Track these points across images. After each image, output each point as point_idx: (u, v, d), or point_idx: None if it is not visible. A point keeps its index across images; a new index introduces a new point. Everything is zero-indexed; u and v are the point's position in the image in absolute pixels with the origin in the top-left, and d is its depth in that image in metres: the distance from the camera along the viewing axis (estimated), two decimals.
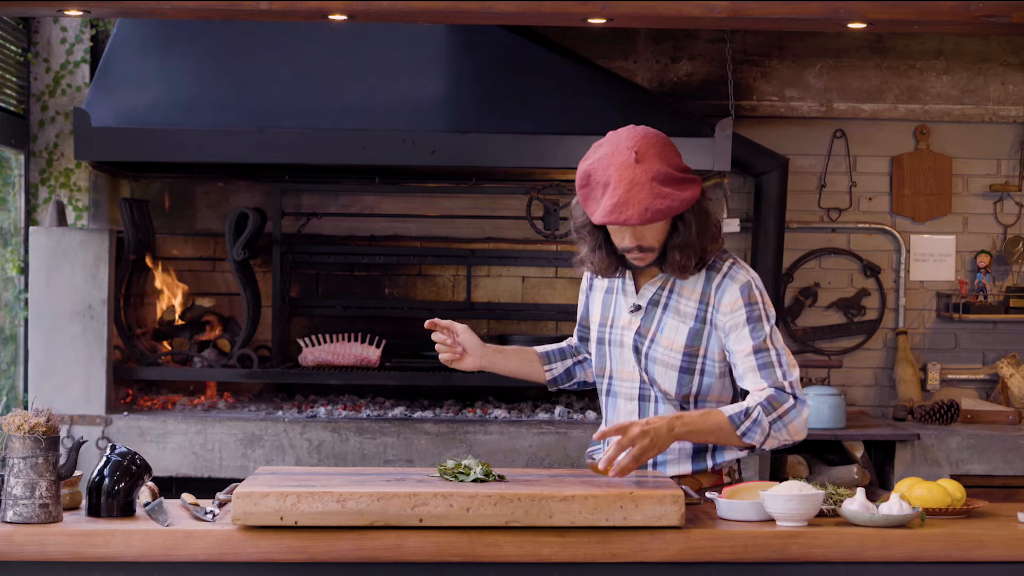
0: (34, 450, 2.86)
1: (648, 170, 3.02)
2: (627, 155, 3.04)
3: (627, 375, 3.25)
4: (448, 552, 2.82)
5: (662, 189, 3.02)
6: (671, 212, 3.03)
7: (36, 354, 5.33)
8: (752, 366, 3.13)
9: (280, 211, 5.81)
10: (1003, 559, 2.90)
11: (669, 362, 3.19)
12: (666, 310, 3.20)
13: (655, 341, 3.20)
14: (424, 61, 5.46)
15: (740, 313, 3.15)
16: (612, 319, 3.26)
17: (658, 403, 3.23)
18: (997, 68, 6.11)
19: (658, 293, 3.21)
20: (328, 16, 4.44)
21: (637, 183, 3.01)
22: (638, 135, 3.10)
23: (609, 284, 3.29)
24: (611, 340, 3.26)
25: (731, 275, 3.17)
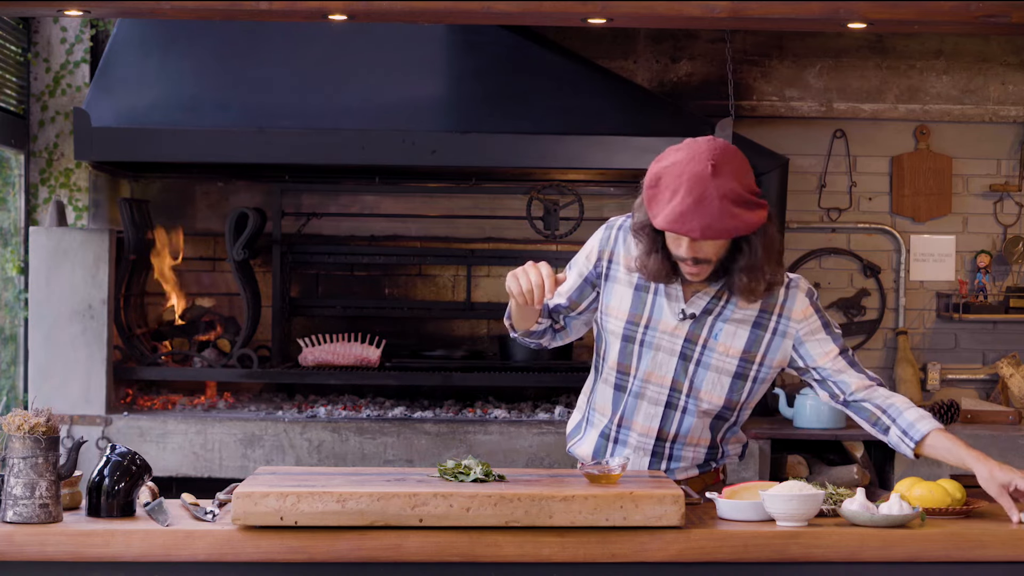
0: (34, 450, 2.86)
1: (721, 186, 2.97)
2: (704, 166, 2.98)
3: (658, 379, 3.20)
4: (448, 552, 2.82)
5: (731, 208, 2.97)
6: (734, 233, 2.99)
7: (36, 354, 5.33)
8: (844, 365, 3.20)
9: (280, 211, 5.81)
10: (1003, 559, 2.90)
11: (724, 367, 3.18)
12: (719, 318, 3.17)
13: (708, 347, 3.17)
14: (424, 61, 5.46)
15: (815, 319, 3.19)
16: (649, 320, 3.18)
17: (685, 413, 3.21)
18: (997, 68, 6.11)
19: (712, 303, 3.17)
20: (328, 16, 4.44)
21: (707, 197, 2.96)
22: (718, 148, 3.04)
23: (639, 281, 3.20)
24: (645, 341, 3.19)
25: (794, 284, 3.19)
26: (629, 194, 5.96)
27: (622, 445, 3.26)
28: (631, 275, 3.22)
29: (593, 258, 3.27)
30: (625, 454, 3.24)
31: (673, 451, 3.25)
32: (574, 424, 3.40)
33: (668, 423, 3.22)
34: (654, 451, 3.24)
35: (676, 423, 3.22)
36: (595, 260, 3.27)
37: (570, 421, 3.43)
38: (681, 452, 3.25)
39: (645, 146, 5.26)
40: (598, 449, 3.29)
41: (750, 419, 5.66)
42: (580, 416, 3.39)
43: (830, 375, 3.21)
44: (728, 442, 3.33)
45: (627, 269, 3.22)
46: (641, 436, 3.24)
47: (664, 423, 3.22)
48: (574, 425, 3.40)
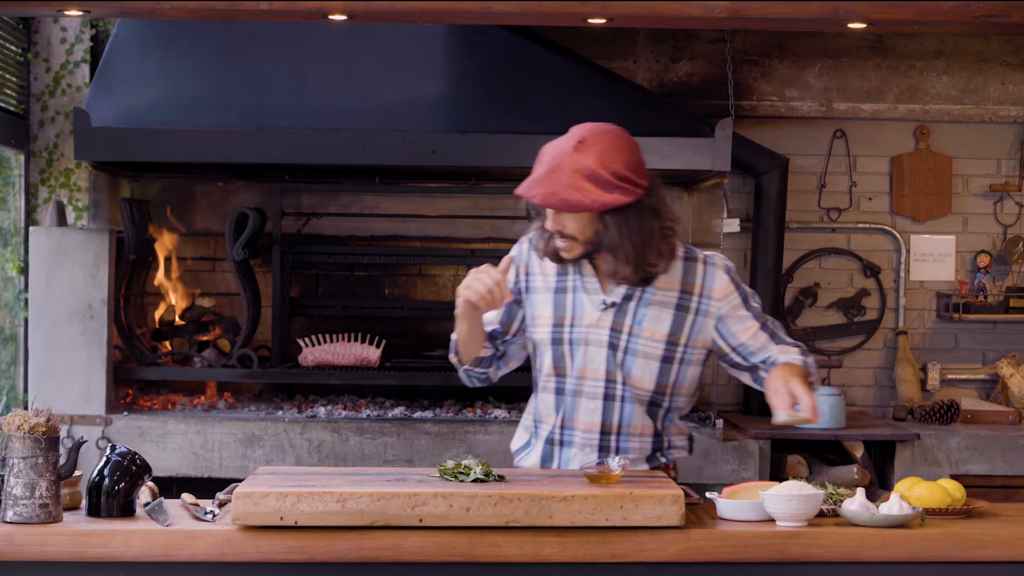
0: (34, 450, 2.86)
1: (578, 161, 3.06)
2: (571, 142, 3.09)
3: (592, 373, 3.22)
4: (448, 552, 2.82)
5: (581, 183, 3.04)
6: (578, 207, 3.05)
7: (36, 354, 5.33)
8: (766, 339, 3.24)
9: (280, 211, 5.81)
10: (1003, 559, 2.90)
11: (651, 352, 3.21)
12: (641, 303, 3.20)
13: (633, 334, 3.20)
14: (424, 61, 5.46)
15: (734, 296, 3.24)
16: (573, 318, 3.22)
17: (624, 402, 3.23)
18: (997, 68, 6.11)
19: (631, 288, 3.20)
20: (328, 16, 4.44)
21: (560, 169, 3.05)
22: (598, 129, 3.14)
23: (558, 284, 3.24)
24: (573, 339, 3.22)
25: (711, 262, 3.24)
26: None
27: (568, 446, 3.26)
28: (547, 281, 3.26)
29: (512, 275, 3.30)
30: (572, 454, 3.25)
31: (619, 444, 3.25)
32: (521, 443, 3.40)
33: (609, 415, 3.23)
34: (600, 446, 3.25)
35: (617, 414, 3.23)
36: (514, 277, 3.30)
37: (515, 440, 3.43)
38: (627, 444, 3.25)
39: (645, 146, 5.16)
40: (545, 456, 3.29)
41: (750, 419, 5.67)
42: (528, 434, 3.39)
43: (750, 353, 3.25)
44: (670, 432, 3.33)
45: (543, 276, 3.26)
46: (585, 433, 3.24)
47: (605, 416, 3.23)
48: (521, 443, 3.40)
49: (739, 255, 6.07)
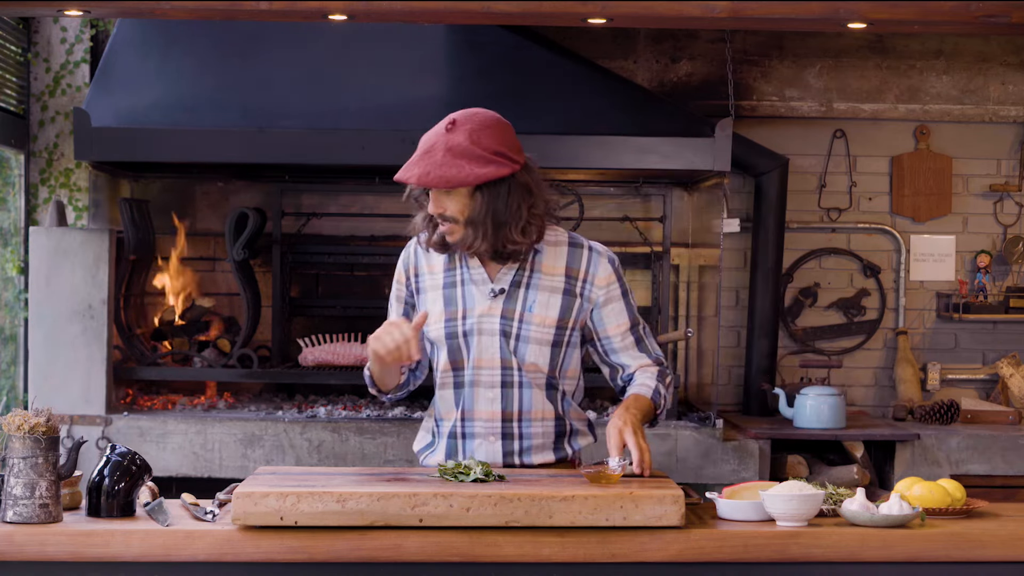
0: (34, 450, 2.86)
1: (450, 140, 3.11)
2: (443, 124, 3.15)
3: (487, 363, 3.24)
4: (448, 552, 2.82)
5: (454, 160, 3.09)
6: (453, 182, 3.08)
7: (36, 354, 5.33)
8: (631, 342, 3.30)
9: (280, 211, 5.81)
10: (1003, 559, 2.91)
11: (543, 338, 3.24)
12: (529, 288, 3.25)
13: (524, 320, 3.23)
14: (424, 61, 5.46)
15: (615, 287, 3.29)
16: (464, 310, 3.25)
17: (522, 388, 3.26)
18: (997, 68, 6.11)
19: (519, 274, 3.25)
20: (328, 16, 4.44)
21: (434, 148, 3.11)
22: (469, 111, 3.19)
23: (446, 280, 3.28)
24: (467, 331, 3.24)
25: (595, 249, 3.31)
26: (629, 194, 5.97)
27: (471, 438, 3.28)
28: (436, 278, 3.29)
29: (402, 280, 3.36)
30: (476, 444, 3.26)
31: (522, 430, 3.27)
32: (424, 443, 3.41)
33: (509, 402, 3.25)
34: (503, 433, 3.27)
35: (517, 400, 3.26)
36: (404, 281, 3.36)
37: (417, 442, 3.44)
38: (530, 429, 3.27)
39: (645, 146, 5.26)
40: (450, 451, 3.30)
41: (750, 419, 5.67)
42: (429, 435, 3.40)
43: (613, 350, 3.31)
44: (571, 416, 3.35)
45: (431, 274, 3.30)
46: (487, 422, 3.26)
47: (505, 404, 3.25)
48: (424, 444, 3.40)
49: (739, 255, 6.07)
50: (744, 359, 5.95)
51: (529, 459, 3.28)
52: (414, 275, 3.34)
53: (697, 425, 5.31)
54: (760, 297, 5.84)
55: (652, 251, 5.89)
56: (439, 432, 3.35)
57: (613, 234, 5.97)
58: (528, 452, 3.28)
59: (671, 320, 6.00)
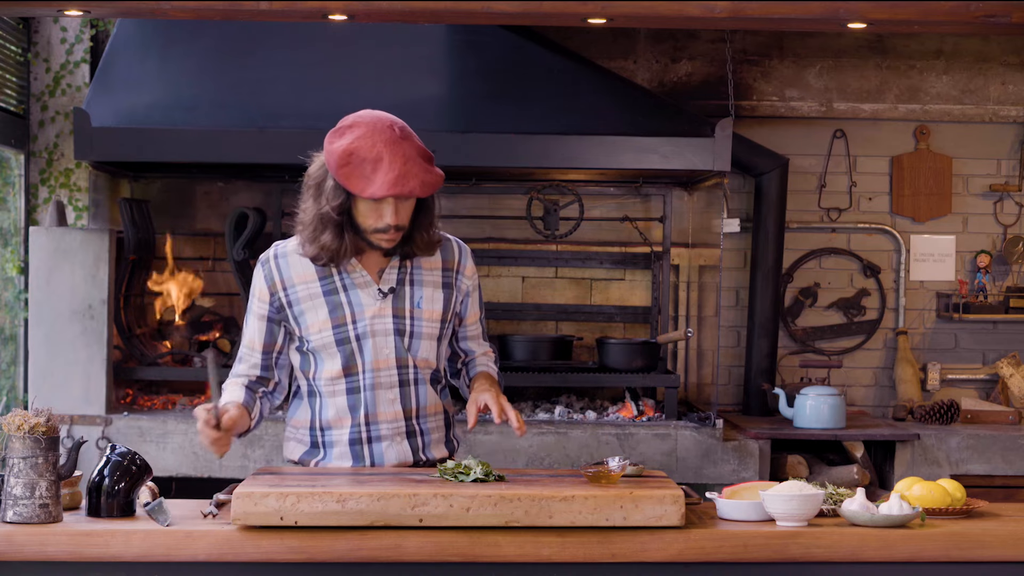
0: (34, 450, 2.86)
1: (413, 146, 3.13)
2: (391, 132, 3.12)
3: (383, 364, 3.26)
4: (448, 552, 2.82)
5: (426, 165, 3.13)
6: (436, 186, 3.15)
7: (36, 354, 5.33)
8: (480, 331, 3.46)
9: (280, 211, 5.81)
10: (1003, 559, 2.91)
11: (432, 333, 3.30)
12: (414, 285, 3.29)
13: (415, 317, 3.27)
14: (424, 61, 5.45)
15: (475, 279, 3.42)
16: (352, 315, 3.24)
17: (418, 385, 3.29)
18: (997, 68, 6.11)
19: (402, 272, 3.28)
20: (328, 16, 4.44)
21: (411, 157, 3.11)
22: (389, 116, 3.19)
23: (324, 288, 3.25)
24: (359, 335, 3.24)
25: (459, 242, 3.40)
26: (629, 194, 5.97)
27: (377, 441, 3.28)
28: (310, 287, 3.26)
29: (266, 296, 3.30)
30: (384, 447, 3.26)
31: (422, 426, 3.31)
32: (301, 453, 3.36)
33: (408, 400, 3.28)
34: (408, 431, 3.29)
35: (414, 397, 3.29)
36: (268, 296, 3.30)
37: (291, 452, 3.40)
38: (427, 425, 3.32)
39: (645, 146, 5.26)
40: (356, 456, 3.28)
41: (750, 419, 5.67)
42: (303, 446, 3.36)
43: (465, 337, 3.44)
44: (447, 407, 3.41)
45: (304, 284, 3.26)
46: (391, 423, 3.28)
47: (404, 402, 3.28)
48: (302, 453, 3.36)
49: (739, 255, 6.07)
50: (744, 359, 5.95)
51: (431, 454, 3.32)
52: (281, 289, 3.28)
53: (697, 425, 5.31)
54: (760, 297, 5.84)
55: (652, 251, 5.89)
56: (326, 441, 3.30)
57: (613, 234, 5.97)
58: (428, 447, 3.33)
59: (671, 320, 6.00)
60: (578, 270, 6.06)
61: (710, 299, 6.03)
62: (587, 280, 6.09)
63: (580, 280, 6.09)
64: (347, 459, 3.29)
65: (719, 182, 5.52)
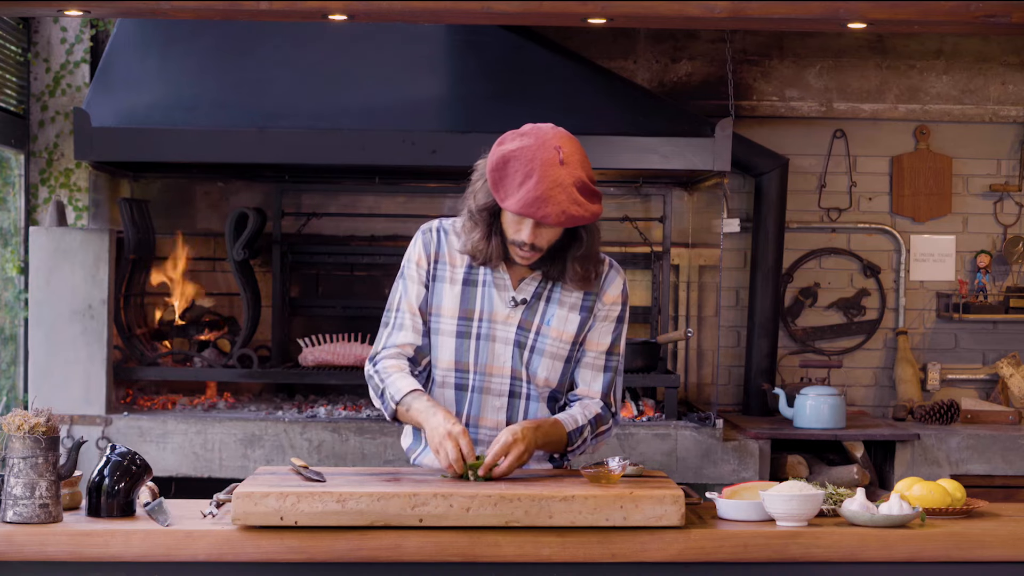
0: (34, 450, 2.86)
1: (571, 175, 3.06)
2: (553, 153, 3.07)
3: (497, 371, 3.23)
4: (448, 552, 2.82)
5: (579, 197, 3.06)
6: (582, 222, 3.07)
7: (36, 354, 5.33)
8: (600, 364, 3.28)
9: (280, 211, 5.81)
10: (1003, 559, 2.91)
11: (558, 353, 3.24)
12: (549, 303, 3.23)
13: (541, 334, 3.22)
14: (424, 61, 5.46)
15: (616, 308, 3.28)
16: (481, 313, 3.22)
17: (528, 400, 3.25)
18: (997, 68, 6.11)
19: (541, 287, 3.24)
20: (328, 16, 4.44)
21: (560, 184, 3.04)
22: (564, 137, 3.13)
23: (466, 276, 3.25)
24: (479, 334, 3.22)
25: (615, 268, 3.30)
26: (629, 194, 5.97)
27: (476, 445, 3.24)
28: (456, 272, 3.25)
29: (424, 262, 3.28)
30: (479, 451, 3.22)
31: None
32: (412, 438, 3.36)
33: (514, 412, 3.25)
34: None
35: (522, 411, 3.26)
36: (425, 265, 3.28)
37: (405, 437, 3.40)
38: None
39: (645, 146, 5.26)
40: None
41: (750, 419, 5.67)
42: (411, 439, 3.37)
43: (581, 364, 3.28)
44: None
45: (451, 266, 3.26)
46: (492, 431, 3.25)
47: (511, 413, 3.25)
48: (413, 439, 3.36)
49: (739, 255, 6.07)
50: (744, 359, 5.95)
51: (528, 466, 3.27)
52: (435, 260, 3.27)
53: (697, 425, 5.31)
54: (760, 297, 5.84)
55: (652, 251, 5.89)
56: None
57: (613, 234, 5.97)
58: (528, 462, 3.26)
59: (671, 320, 6.00)
60: None
61: (710, 299, 6.03)
62: None
63: None
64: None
65: (719, 182, 5.52)
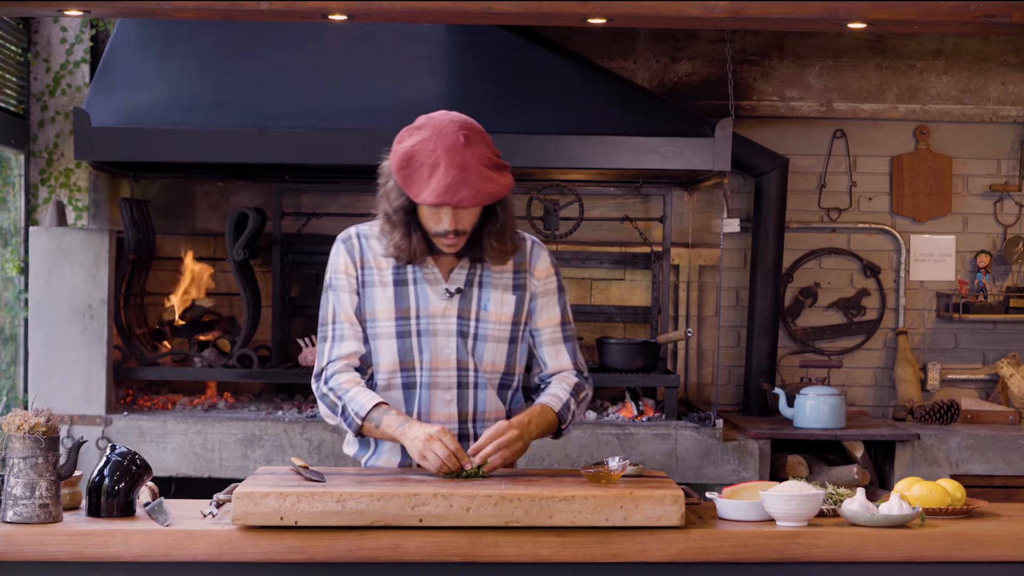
0: (34, 450, 2.86)
1: (476, 153, 3.10)
2: (454, 138, 3.11)
3: (443, 364, 3.24)
4: (448, 552, 2.82)
5: (489, 173, 3.10)
6: (497, 196, 3.11)
7: (36, 354, 5.33)
8: (559, 337, 3.33)
9: (280, 211, 5.81)
10: (1003, 559, 2.91)
11: (500, 336, 3.26)
12: (483, 287, 3.26)
13: (481, 319, 3.25)
14: (424, 61, 5.46)
15: (552, 280, 3.33)
16: (417, 310, 3.24)
17: (477, 389, 3.27)
18: (997, 68, 6.11)
19: (471, 273, 3.26)
20: (328, 16, 4.44)
21: (469, 165, 3.08)
22: (460, 119, 3.17)
23: (396, 277, 3.26)
24: (420, 331, 3.24)
25: (537, 243, 3.34)
26: (629, 194, 5.97)
27: None
28: (384, 274, 3.26)
29: (352, 270, 3.29)
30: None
31: (476, 430, 3.27)
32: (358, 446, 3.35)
33: (465, 403, 3.26)
34: (460, 435, 3.26)
35: (472, 401, 3.27)
36: (353, 273, 3.29)
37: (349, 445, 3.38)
38: (483, 429, 3.26)
39: (645, 146, 5.26)
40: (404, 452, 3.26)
41: (750, 419, 5.67)
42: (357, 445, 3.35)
43: (539, 343, 3.33)
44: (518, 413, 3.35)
45: (379, 270, 3.27)
46: (443, 424, 3.24)
47: (461, 405, 3.26)
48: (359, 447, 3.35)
49: (739, 255, 6.07)
50: (744, 359, 5.95)
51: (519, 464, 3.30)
52: (362, 267, 3.28)
53: (697, 425, 5.31)
54: (760, 297, 5.84)
55: (652, 251, 5.89)
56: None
57: (613, 234, 5.97)
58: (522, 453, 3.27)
59: (671, 320, 6.00)
60: (578, 270, 6.06)
61: (710, 299, 6.03)
62: (587, 280, 6.09)
63: (580, 280, 6.09)
64: (397, 455, 3.28)
65: (719, 182, 5.52)
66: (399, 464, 3.28)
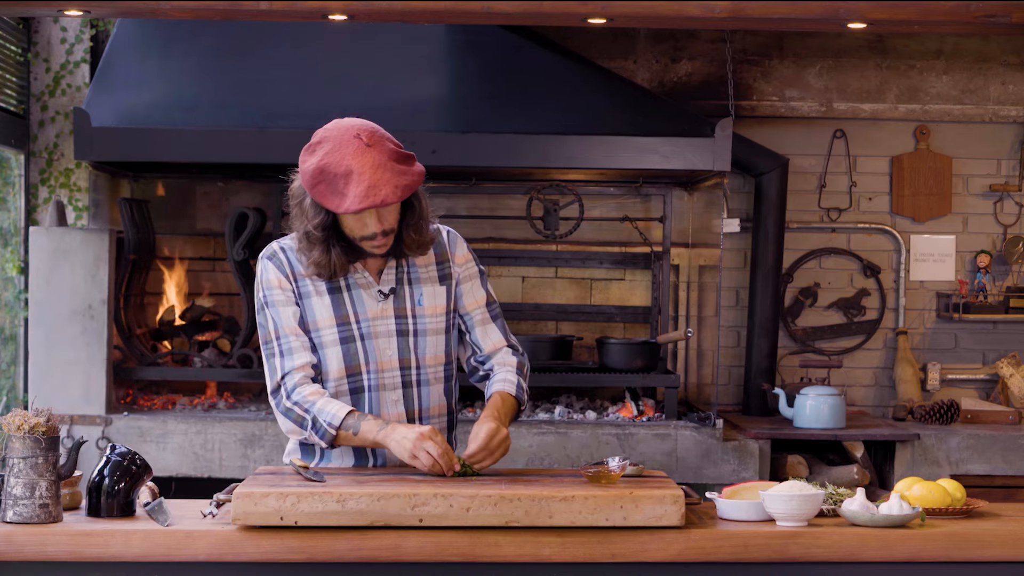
0: (34, 450, 2.86)
1: (382, 151, 3.11)
2: (356, 142, 3.12)
3: (387, 365, 3.26)
4: (448, 552, 2.82)
5: (400, 167, 3.12)
6: (415, 187, 3.13)
7: (36, 354, 5.33)
8: (487, 317, 3.38)
9: (280, 211, 5.80)
10: (1003, 559, 2.91)
11: (438, 328, 3.30)
12: (413, 284, 3.29)
13: (417, 315, 3.28)
14: (424, 61, 5.46)
15: (471, 265, 3.38)
16: (355, 315, 3.25)
17: (421, 386, 3.29)
18: (997, 68, 6.11)
19: (400, 272, 3.29)
20: (328, 16, 4.44)
21: (379, 165, 3.09)
22: (357, 124, 3.19)
23: (329, 285, 3.26)
24: (361, 335, 3.25)
25: (451, 231, 3.38)
26: (629, 194, 5.97)
27: None
28: (318, 284, 3.27)
29: (286, 284, 3.29)
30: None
31: None
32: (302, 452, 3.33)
33: (411, 402, 3.29)
34: None
35: (417, 399, 3.29)
36: (288, 284, 3.29)
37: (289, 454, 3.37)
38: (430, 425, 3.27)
39: (645, 146, 5.26)
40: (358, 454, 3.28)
41: (750, 419, 5.68)
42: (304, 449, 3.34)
43: (470, 327, 3.37)
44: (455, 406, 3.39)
45: (311, 280, 3.27)
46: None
47: (408, 404, 3.28)
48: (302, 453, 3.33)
49: (739, 255, 6.07)
50: (744, 359, 5.95)
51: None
52: (294, 279, 3.28)
53: (697, 425, 5.31)
54: (760, 297, 5.84)
55: (652, 251, 5.89)
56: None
57: (613, 234, 5.98)
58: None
59: (671, 320, 6.00)
60: (578, 270, 6.06)
61: (710, 299, 6.03)
62: (587, 280, 6.10)
63: (580, 280, 6.09)
64: (349, 458, 3.29)
65: (719, 182, 5.52)
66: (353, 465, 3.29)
